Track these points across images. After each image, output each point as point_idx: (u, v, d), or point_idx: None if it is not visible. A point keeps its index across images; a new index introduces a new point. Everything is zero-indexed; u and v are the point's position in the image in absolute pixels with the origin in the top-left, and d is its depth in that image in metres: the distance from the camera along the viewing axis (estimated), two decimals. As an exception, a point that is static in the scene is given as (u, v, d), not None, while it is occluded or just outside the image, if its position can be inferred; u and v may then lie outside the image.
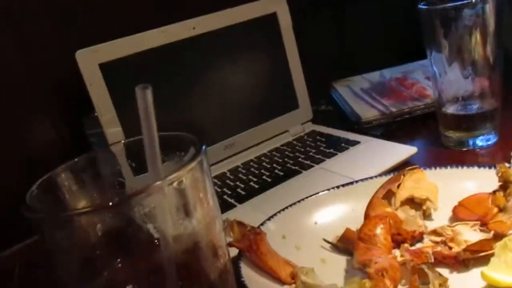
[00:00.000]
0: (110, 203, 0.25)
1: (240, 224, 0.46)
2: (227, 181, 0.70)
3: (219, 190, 0.68)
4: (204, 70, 0.74)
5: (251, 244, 0.44)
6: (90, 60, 0.64)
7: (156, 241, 0.27)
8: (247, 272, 0.43)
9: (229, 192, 0.66)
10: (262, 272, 0.44)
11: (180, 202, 0.28)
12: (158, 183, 0.26)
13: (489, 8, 0.60)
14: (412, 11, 0.65)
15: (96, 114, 0.65)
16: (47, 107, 0.79)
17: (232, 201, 0.64)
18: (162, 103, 0.70)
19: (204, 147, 0.29)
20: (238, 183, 0.69)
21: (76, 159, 0.31)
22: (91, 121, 0.73)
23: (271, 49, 0.80)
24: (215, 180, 0.71)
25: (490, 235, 0.42)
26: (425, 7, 0.63)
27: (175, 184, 0.27)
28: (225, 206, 0.63)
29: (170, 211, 0.27)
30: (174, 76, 0.72)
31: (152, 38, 0.69)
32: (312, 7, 1.03)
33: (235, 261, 0.45)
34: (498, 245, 0.39)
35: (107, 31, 0.78)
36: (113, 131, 0.65)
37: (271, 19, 0.79)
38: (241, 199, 0.64)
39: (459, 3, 0.61)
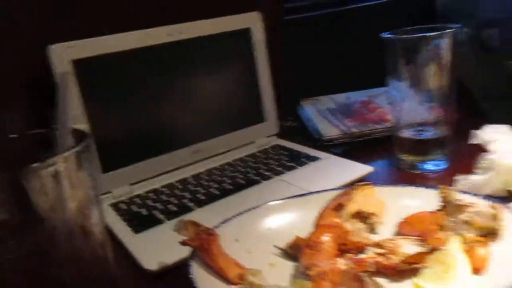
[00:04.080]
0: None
1: (195, 224, 0.48)
2: (188, 185, 0.72)
3: (179, 193, 0.69)
4: (176, 76, 0.76)
5: (203, 243, 0.46)
6: (63, 56, 0.65)
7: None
8: (197, 270, 0.44)
9: (189, 197, 0.68)
10: (212, 272, 0.46)
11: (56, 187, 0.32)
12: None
13: (446, 42, 0.65)
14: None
15: (64, 109, 0.65)
16: (16, 99, 0.79)
17: (191, 204, 0.65)
18: (134, 105, 0.72)
19: (87, 141, 0.35)
20: (199, 188, 0.70)
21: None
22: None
23: (243, 62, 0.83)
24: (177, 184, 0.72)
25: (426, 249, 0.45)
26: (388, 36, 0.67)
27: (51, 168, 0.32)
28: (183, 210, 0.64)
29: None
30: (146, 79, 0.73)
31: (127, 40, 0.70)
32: (287, 25, 1.07)
33: (187, 259, 0.46)
34: (431, 257, 0.42)
35: (82, 29, 0.79)
36: (79, 128, 0.66)
37: (245, 34, 0.82)
38: (200, 204, 0.65)
39: (419, 35, 0.65)
